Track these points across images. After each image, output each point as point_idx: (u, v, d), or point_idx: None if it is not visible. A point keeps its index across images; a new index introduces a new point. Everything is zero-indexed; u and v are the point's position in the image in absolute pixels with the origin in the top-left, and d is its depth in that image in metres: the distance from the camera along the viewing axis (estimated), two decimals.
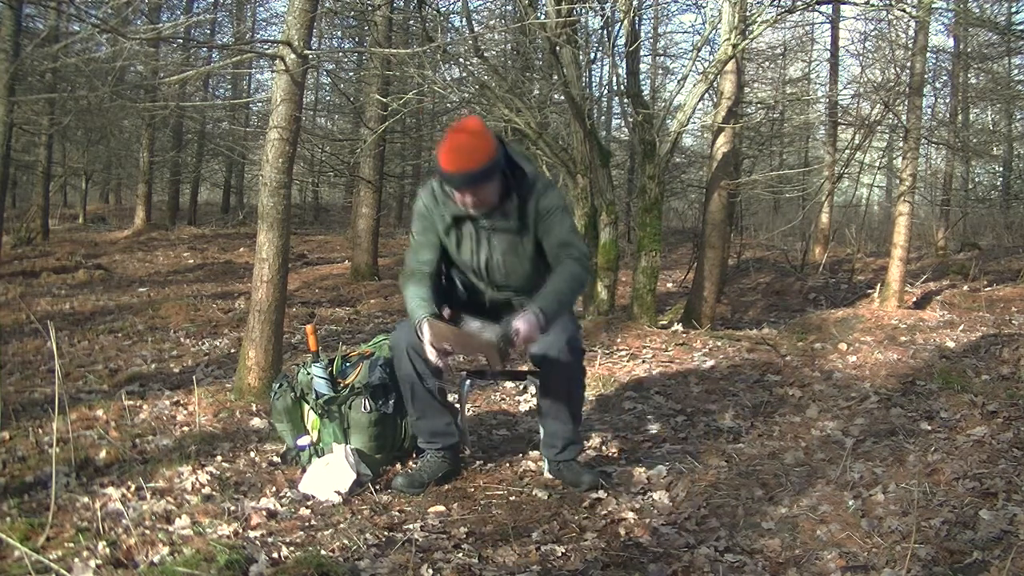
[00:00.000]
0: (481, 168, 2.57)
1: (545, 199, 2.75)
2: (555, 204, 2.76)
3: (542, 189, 2.76)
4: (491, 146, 2.59)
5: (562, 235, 2.77)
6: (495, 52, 10.46)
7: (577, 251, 2.78)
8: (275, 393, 3.22)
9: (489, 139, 2.60)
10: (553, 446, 2.96)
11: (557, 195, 2.79)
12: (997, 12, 10.58)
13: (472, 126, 2.61)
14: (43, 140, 11.93)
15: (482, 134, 2.60)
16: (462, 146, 2.56)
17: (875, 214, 15.63)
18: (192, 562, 2.19)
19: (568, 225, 2.81)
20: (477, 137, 2.58)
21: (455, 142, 2.58)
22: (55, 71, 9.37)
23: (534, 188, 2.74)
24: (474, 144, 2.57)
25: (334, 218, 18.78)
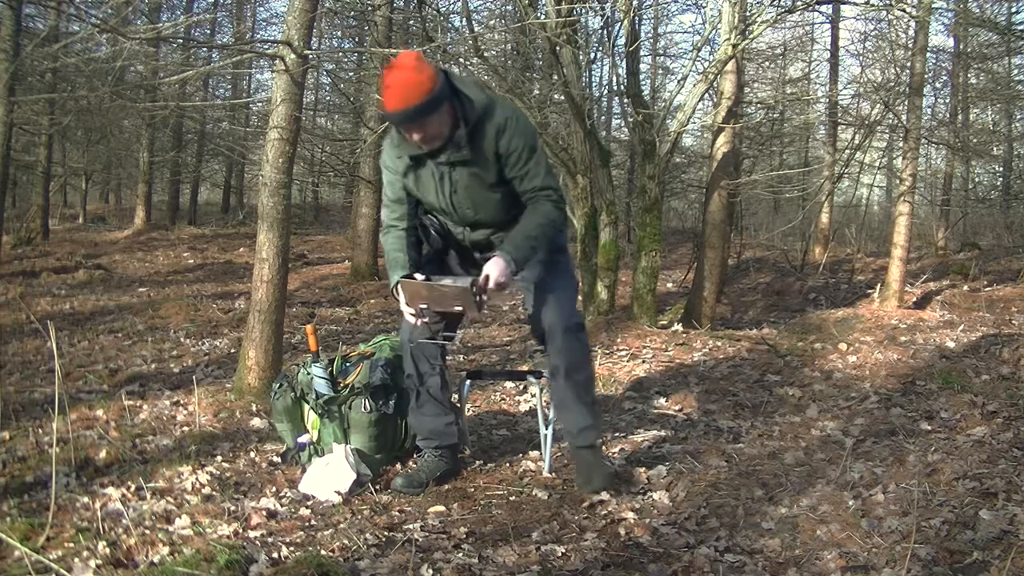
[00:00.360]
0: (421, 102, 2.45)
1: (507, 136, 2.59)
2: (520, 144, 2.60)
3: (503, 122, 2.58)
4: (429, 78, 2.46)
5: (533, 179, 2.65)
6: (495, 52, 10.45)
7: (552, 192, 2.66)
8: (275, 393, 3.22)
9: (426, 71, 2.47)
10: (569, 432, 2.90)
11: (521, 131, 2.60)
12: (997, 12, 10.57)
13: (406, 62, 2.47)
14: (43, 140, 11.94)
15: (417, 67, 2.45)
16: (398, 83, 2.44)
17: (875, 214, 15.63)
18: (192, 562, 2.19)
19: (538, 167, 2.65)
20: (413, 71, 2.44)
21: (391, 80, 2.45)
22: (55, 71, 9.38)
23: (488, 116, 2.57)
24: (410, 79, 2.44)
25: (334, 218, 18.78)
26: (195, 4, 15.06)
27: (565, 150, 6.33)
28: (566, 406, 2.87)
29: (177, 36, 7.82)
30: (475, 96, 2.59)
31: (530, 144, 2.62)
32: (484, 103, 2.58)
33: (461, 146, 2.59)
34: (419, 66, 2.47)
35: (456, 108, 2.56)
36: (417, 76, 2.44)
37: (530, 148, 2.62)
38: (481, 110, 2.57)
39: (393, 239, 2.81)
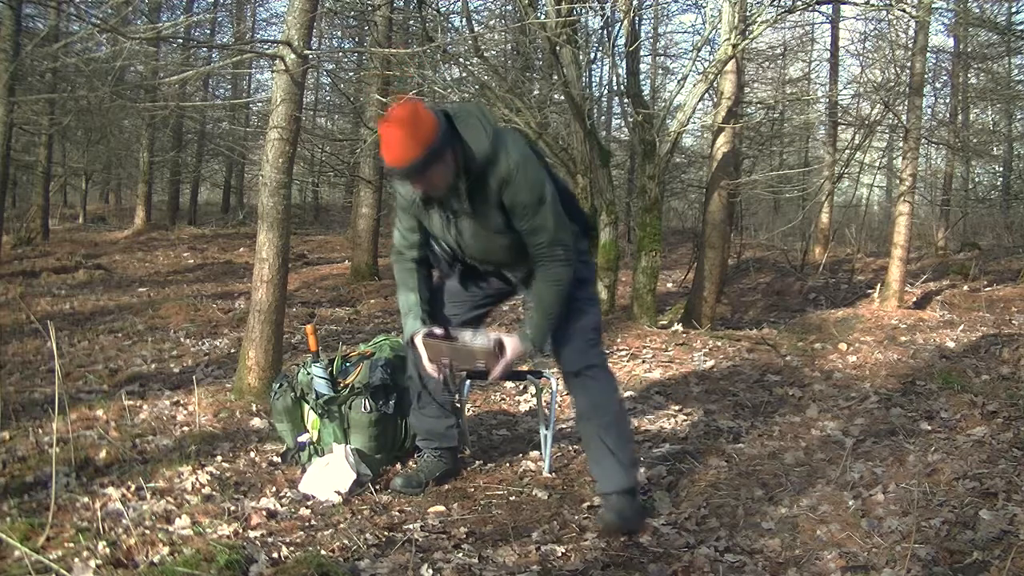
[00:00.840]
0: (419, 158, 2.31)
1: (511, 189, 2.42)
2: (526, 198, 2.43)
3: (507, 174, 2.40)
4: (427, 131, 2.31)
5: (540, 234, 2.49)
6: (495, 52, 10.45)
7: (558, 249, 2.50)
8: (275, 393, 3.22)
9: (424, 123, 2.31)
10: (596, 477, 2.72)
11: (527, 183, 2.43)
12: (997, 12, 10.57)
13: (402, 114, 2.31)
14: (43, 140, 11.93)
15: (412, 122, 2.30)
16: (395, 137, 2.31)
17: (875, 214, 15.63)
18: (192, 562, 2.19)
19: (546, 220, 2.47)
20: (407, 126, 2.30)
21: (387, 134, 2.32)
22: (55, 71, 9.38)
23: (492, 165, 2.41)
24: (404, 135, 2.30)
25: (334, 218, 18.78)
26: (195, 4, 15.07)
27: (565, 150, 6.33)
28: (590, 449, 2.71)
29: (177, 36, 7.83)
30: (478, 143, 2.40)
31: (537, 196, 2.44)
32: (487, 152, 2.40)
33: (461, 199, 2.47)
34: (416, 118, 2.31)
35: (458, 156, 2.40)
36: (414, 130, 2.30)
37: (537, 201, 2.44)
38: (484, 160, 2.40)
39: (405, 272, 2.71)
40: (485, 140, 2.40)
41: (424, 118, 2.32)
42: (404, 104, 2.35)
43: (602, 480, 2.65)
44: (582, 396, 2.68)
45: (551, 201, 2.47)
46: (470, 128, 2.42)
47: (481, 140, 2.40)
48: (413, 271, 2.70)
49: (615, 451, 2.63)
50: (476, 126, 2.42)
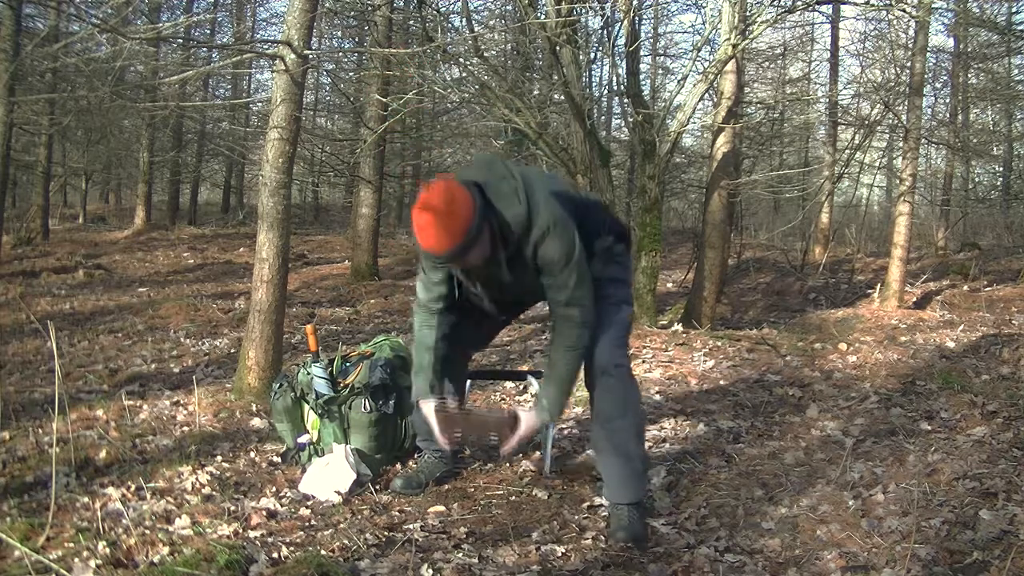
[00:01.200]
0: (459, 245, 2.28)
1: (543, 248, 2.40)
2: (556, 254, 2.40)
3: (540, 235, 2.39)
4: (463, 218, 2.26)
5: (562, 291, 2.45)
6: (495, 52, 10.46)
7: (574, 310, 2.46)
8: (275, 393, 3.22)
9: (460, 208, 2.26)
10: (605, 484, 2.65)
11: (558, 242, 2.40)
12: (997, 12, 10.57)
13: (438, 202, 2.25)
14: (43, 140, 11.93)
15: (450, 208, 2.25)
16: (429, 226, 2.26)
17: (875, 214, 15.64)
18: (192, 562, 2.19)
19: (570, 278, 2.43)
20: (445, 214, 2.25)
21: (423, 221, 2.27)
22: (55, 71, 9.38)
23: (527, 230, 2.39)
24: (442, 223, 2.25)
25: (334, 218, 18.78)
26: (195, 4, 15.07)
27: (565, 150, 6.33)
28: (607, 454, 2.61)
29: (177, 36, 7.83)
30: (513, 212, 2.37)
31: (564, 254, 2.41)
32: (523, 220, 2.37)
33: (501, 268, 2.46)
34: (452, 204, 2.26)
35: (495, 229, 2.37)
36: (451, 218, 2.25)
37: (564, 259, 2.41)
38: (520, 228, 2.38)
39: (425, 329, 2.65)
40: (520, 208, 2.38)
41: (461, 202, 2.28)
42: (438, 187, 2.28)
43: (616, 490, 2.57)
44: (607, 396, 2.59)
45: (576, 261, 2.43)
46: (503, 197, 2.38)
47: (516, 209, 2.38)
48: (434, 329, 2.64)
49: (635, 458, 2.58)
50: (508, 193, 2.39)
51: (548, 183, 2.56)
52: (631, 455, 2.58)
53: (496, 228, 2.37)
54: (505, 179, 2.42)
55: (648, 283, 6.12)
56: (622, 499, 2.55)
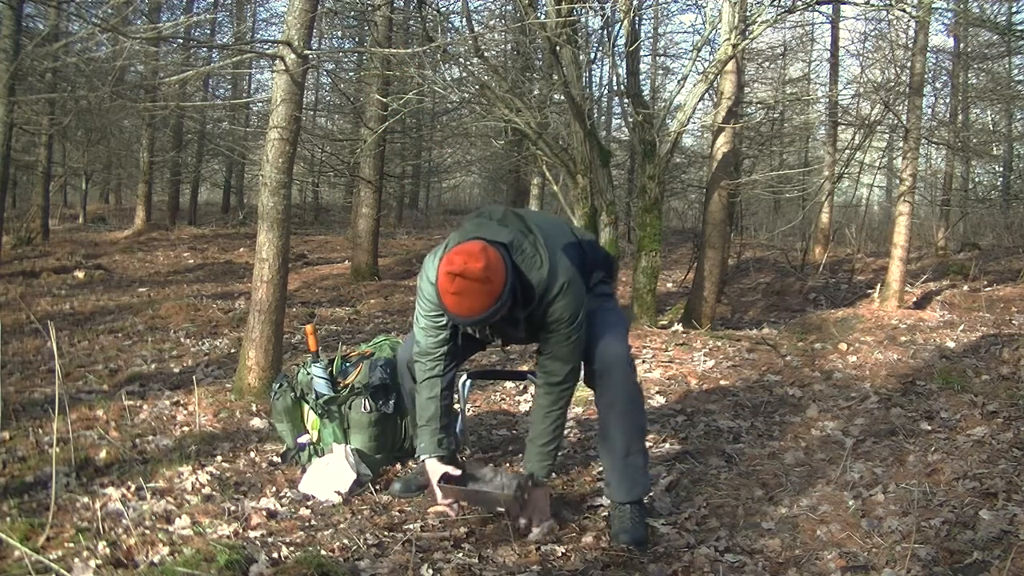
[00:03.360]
0: (488, 313, 2.31)
1: (556, 307, 2.43)
2: (566, 316, 2.44)
3: (555, 294, 2.43)
4: (498, 285, 2.29)
5: (561, 350, 2.49)
6: (495, 52, 10.46)
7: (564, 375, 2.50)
8: (275, 393, 3.22)
9: (493, 277, 2.28)
10: (606, 483, 2.64)
11: (571, 302, 2.43)
12: (997, 12, 10.57)
13: (475, 269, 2.25)
14: (43, 140, 11.93)
15: (487, 275, 2.26)
16: (466, 293, 2.27)
17: (875, 214, 15.64)
18: (192, 562, 2.19)
19: (572, 339, 2.47)
20: (482, 281, 2.26)
21: (459, 288, 2.27)
22: (55, 71, 9.37)
23: (547, 292, 2.42)
24: (478, 290, 2.26)
25: (334, 218, 18.78)
26: (195, 4, 15.07)
27: (565, 150, 6.33)
28: (614, 453, 2.59)
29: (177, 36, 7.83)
30: (537, 274, 2.41)
31: (573, 314, 2.45)
32: (545, 283, 2.41)
33: (518, 324, 2.49)
34: (488, 270, 2.26)
35: (518, 292, 2.40)
36: (486, 286, 2.27)
37: (572, 318, 2.45)
38: (541, 291, 2.41)
39: (428, 380, 2.59)
40: (543, 271, 2.41)
41: (496, 269, 2.29)
42: (475, 253, 2.27)
43: (618, 489, 2.56)
44: (610, 395, 2.57)
45: (580, 322, 2.47)
46: (527, 258, 2.41)
47: (539, 272, 2.41)
48: (438, 379, 2.59)
49: (638, 457, 2.58)
50: (532, 254, 2.42)
51: (560, 235, 2.59)
52: (634, 454, 2.57)
53: (519, 290, 2.39)
54: (526, 236, 2.46)
55: (648, 283, 6.12)
56: (625, 498, 2.54)
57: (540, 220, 2.62)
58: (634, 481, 2.56)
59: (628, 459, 2.56)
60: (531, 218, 2.57)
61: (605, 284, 2.75)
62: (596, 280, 2.70)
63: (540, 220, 2.62)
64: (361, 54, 12.17)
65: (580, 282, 2.50)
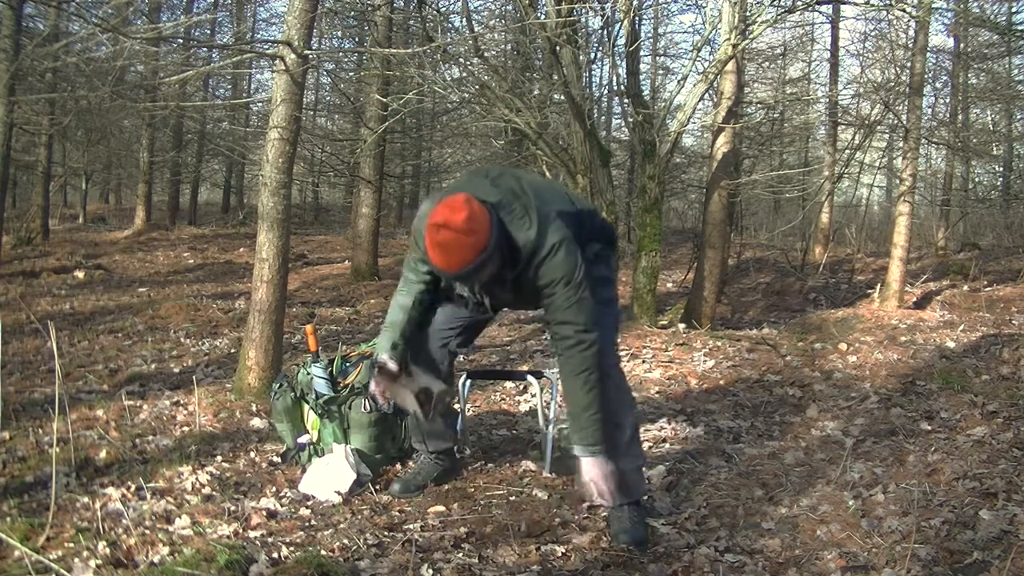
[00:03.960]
0: (475, 263, 2.29)
1: (545, 267, 2.39)
2: (556, 275, 2.39)
3: (544, 255, 2.39)
4: (481, 237, 2.28)
5: (556, 311, 2.43)
6: (495, 52, 10.46)
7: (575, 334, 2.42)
8: (275, 393, 3.22)
9: (479, 229, 2.27)
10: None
11: (560, 263, 2.39)
12: (997, 12, 10.58)
13: (457, 219, 2.25)
14: (43, 140, 11.93)
15: (469, 227, 2.25)
16: (450, 244, 2.27)
17: (875, 214, 15.64)
18: (192, 562, 2.19)
19: (567, 300, 2.41)
20: (464, 232, 2.25)
21: (442, 239, 2.27)
22: (55, 71, 9.37)
23: (536, 252, 2.39)
24: (461, 241, 2.26)
25: (334, 218, 18.78)
26: (195, 4, 15.07)
27: (565, 150, 6.33)
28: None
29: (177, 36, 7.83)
30: (524, 235, 2.38)
31: (567, 273, 2.39)
32: (533, 243, 2.38)
33: (506, 284, 2.49)
34: (471, 222, 2.26)
35: (505, 252, 2.38)
36: (469, 238, 2.26)
37: (566, 279, 2.39)
38: (529, 251, 2.39)
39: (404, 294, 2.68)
40: (532, 231, 2.38)
41: (480, 224, 2.28)
42: (458, 204, 2.27)
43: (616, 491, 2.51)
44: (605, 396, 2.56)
45: (577, 282, 2.41)
46: (515, 219, 2.39)
47: (527, 232, 2.38)
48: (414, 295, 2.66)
49: (633, 459, 2.57)
50: (521, 215, 2.40)
51: (557, 201, 2.55)
52: (628, 456, 2.56)
53: (506, 249, 2.38)
54: (518, 198, 2.43)
55: (648, 283, 6.12)
56: (621, 500, 2.53)
57: (538, 184, 2.60)
58: (629, 484, 2.54)
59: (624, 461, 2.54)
60: (528, 181, 2.55)
61: (603, 263, 2.67)
62: (593, 252, 2.63)
63: (538, 184, 2.60)
64: (361, 54, 12.18)
65: (575, 246, 2.44)
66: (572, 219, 2.54)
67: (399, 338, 2.66)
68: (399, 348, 2.66)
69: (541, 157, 6.70)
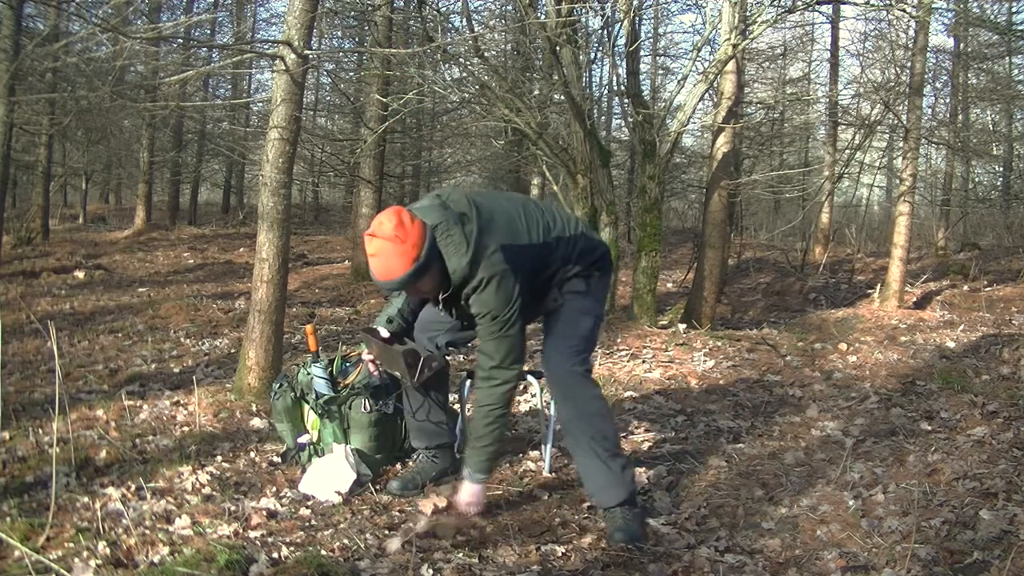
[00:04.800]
0: (404, 276, 2.32)
1: (475, 299, 2.44)
2: (483, 311, 2.44)
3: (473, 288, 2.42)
4: (411, 248, 2.29)
5: (482, 343, 2.49)
6: (495, 52, 10.46)
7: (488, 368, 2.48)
8: (275, 393, 3.22)
9: (408, 241, 2.28)
10: (589, 495, 2.65)
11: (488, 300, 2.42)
12: (997, 12, 10.58)
13: (387, 230, 2.28)
14: (43, 140, 11.93)
15: (398, 236, 2.27)
16: (380, 253, 2.31)
17: (875, 214, 15.64)
18: (192, 562, 2.19)
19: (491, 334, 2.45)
20: (394, 241, 2.27)
21: (373, 249, 2.32)
22: (55, 71, 9.37)
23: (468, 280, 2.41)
24: (391, 250, 2.28)
25: (334, 218, 18.78)
26: (195, 4, 15.07)
27: (565, 150, 6.33)
28: (583, 464, 2.60)
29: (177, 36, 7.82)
30: (457, 263, 2.39)
31: (493, 311, 2.42)
32: (464, 273, 2.39)
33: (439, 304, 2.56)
34: (400, 234, 2.28)
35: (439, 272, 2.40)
36: (398, 247, 2.28)
37: (491, 315, 2.43)
38: (459, 279, 2.41)
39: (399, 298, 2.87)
40: (464, 260, 2.39)
41: (410, 235, 2.30)
42: (389, 215, 2.31)
43: (600, 495, 2.57)
44: (563, 405, 2.60)
45: (500, 322, 2.43)
46: (450, 245, 2.39)
47: (459, 260, 2.39)
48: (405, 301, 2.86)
49: (609, 463, 2.56)
50: (459, 242, 2.38)
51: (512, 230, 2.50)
52: (602, 459, 2.56)
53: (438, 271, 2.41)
54: (461, 224, 2.40)
55: (648, 283, 6.12)
56: (607, 502, 2.56)
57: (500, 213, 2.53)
58: (612, 485, 2.55)
59: (599, 465, 2.55)
60: (488, 210, 2.49)
61: (580, 278, 2.64)
62: (567, 276, 2.61)
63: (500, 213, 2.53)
64: (361, 54, 12.18)
65: (509, 282, 2.42)
66: (527, 252, 2.50)
67: (395, 314, 2.84)
68: (394, 323, 2.83)
69: (541, 157, 6.70)
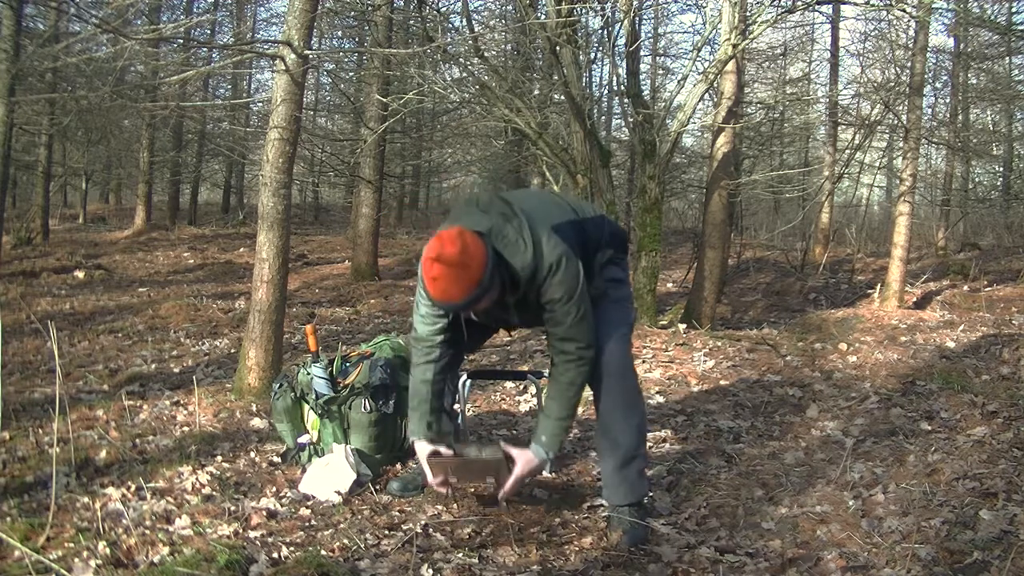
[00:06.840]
0: (471, 296, 2.29)
1: (547, 287, 2.40)
2: (558, 293, 2.40)
3: (544, 274, 2.39)
4: (476, 270, 2.27)
5: (558, 327, 2.45)
6: (495, 52, 10.46)
7: (572, 350, 2.46)
8: (275, 393, 3.22)
9: (473, 260, 2.26)
10: (604, 485, 2.62)
11: (560, 280, 2.39)
12: (997, 12, 10.58)
13: (452, 254, 2.24)
14: (43, 140, 11.94)
15: (463, 260, 2.25)
16: (443, 278, 2.27)
17: (875, 214, 15.64)
18: (192, 562, 2.19)
19: (567, 316, 2.43)
20: (458, 267, 2.25)
21: (437, 273, 2.27)
22: (55, 71, 9.37)
23: (535, 273, 2.38)
24: (456, 275, 2.26)
25: (334, 218, 18.78)
26: (195, 4, 15.07)
27: (565, 150, 6.33)
28: (612, 455, 2.57)
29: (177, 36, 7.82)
30: (521, 260, 2.36)
31: (567, 291, 2.40)
32: (530, 266, 2.37)
33: (508, 311, 2.52)
34: (466, 257, 2.25)
35: (504, 279, 2.37)
36: (464, 270, 2.25)
37: (567, 296, 2.40)
38: (528, 274, 2.38)
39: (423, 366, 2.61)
40: (527, 255, 2.37)
41: (474, 255, 2.27)
42: (451, 237, 2.27)
43: (616, 491, 2.55)
44: (610, 397, 2.56)
45: (577, 298, 2.42)
46: (509, 244, 2.37)
47: (523, 256, 2.37)
48: (432, 364, 2.60)
49: (638, 459, 2.56)
50: (514, 239, 2.38)
51: (550, 214, 2.53)
52: (633, 456, 2.56)
53: (505, 276, 2.37)
54: (509, 221, 2.40)
55: (648, 283, 6.13)
56: (623, 500, 2.54)
57: (531, 202, 2.56)
58: (632, 484, 2.55)
59: (629, 461, 2.55)
60: (519, 202, 2.51)
61: (615, 265, 2.66)
62: (604, 260, 2.62)
63: (531, 202, 2.56)
64: (361, 54, 12.18)
65: (574, 260, 2.43)
66: (573, 230, 2.52)
67: (431, 415, 2.60)
68: (434, 427, 2.60)
69: (541, 157, 6.70)
